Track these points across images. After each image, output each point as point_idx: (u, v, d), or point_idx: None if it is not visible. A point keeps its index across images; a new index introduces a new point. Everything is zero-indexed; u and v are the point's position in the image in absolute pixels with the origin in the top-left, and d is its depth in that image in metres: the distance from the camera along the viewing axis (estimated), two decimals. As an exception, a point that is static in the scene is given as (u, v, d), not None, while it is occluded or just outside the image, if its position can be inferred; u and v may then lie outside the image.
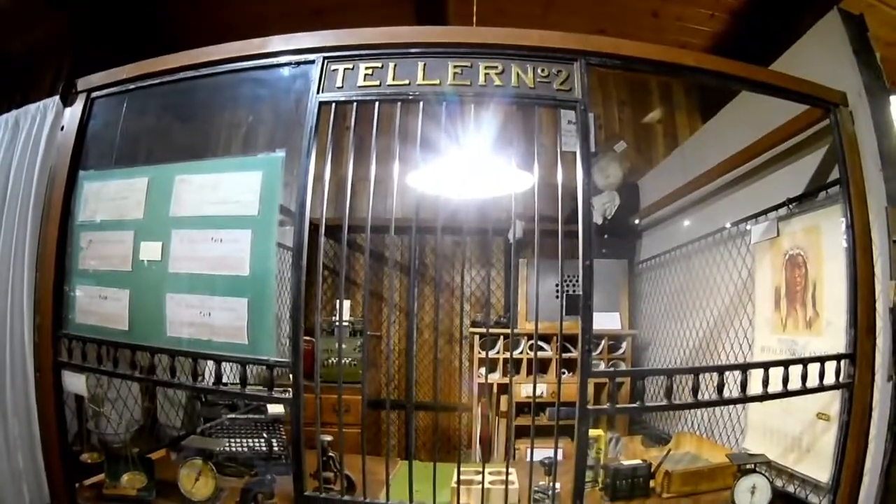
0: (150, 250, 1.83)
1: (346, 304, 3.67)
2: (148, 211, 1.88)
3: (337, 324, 3.27)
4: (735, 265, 2.74)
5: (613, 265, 3.89)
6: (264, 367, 1.66)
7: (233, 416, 2.34)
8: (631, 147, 3.97)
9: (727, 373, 1.77)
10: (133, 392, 2.60)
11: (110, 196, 1.97)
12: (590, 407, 1.62)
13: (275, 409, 2.28)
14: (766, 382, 1.79)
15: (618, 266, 3.88)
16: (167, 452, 2.51)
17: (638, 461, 2.29)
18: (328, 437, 1.99)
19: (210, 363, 1.74)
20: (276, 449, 2.30)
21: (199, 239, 1.76)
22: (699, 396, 1.73)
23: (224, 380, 1.72)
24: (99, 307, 1.95)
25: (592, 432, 2.21)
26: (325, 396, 1.88)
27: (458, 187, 2.29)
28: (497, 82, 1.77)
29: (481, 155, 2.21)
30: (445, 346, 4.22)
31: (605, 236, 3.83)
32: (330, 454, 1.98)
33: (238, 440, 2.34)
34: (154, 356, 1.81)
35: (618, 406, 1.69)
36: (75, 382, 2.00)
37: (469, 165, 2.22)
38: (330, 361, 3.18)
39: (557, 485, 1.83)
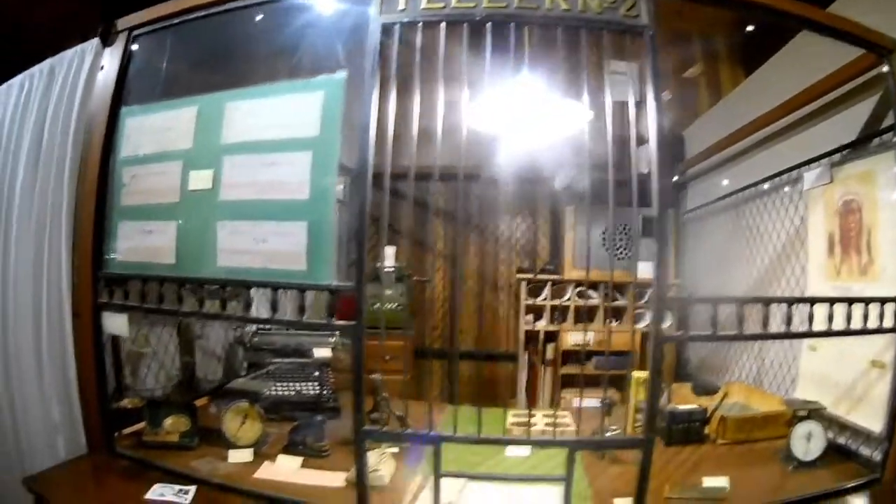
0: (200, 179, 1.72)
1: (391, 250, 3.55)
2: (197, 140, 1.77)
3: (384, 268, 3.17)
4: (787, 213, 2.65)
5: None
6: (325, 293, 1.54)
7: (279, 360, 2.22)
8: (674, 99, 3.87)
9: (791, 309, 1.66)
10: (170, 349, 2.48)
11: (156, 129, 1.86)
12: (665, 335, 1.49)
13: (321, 352, 2.17)
14: (830, 318, 1.68)
15: (659, 217, 3.74)
16: (209, 401, 2.39)
17: (693, 406, 2.18)
18: (378, 377, 1.90)
19: (262, 296, 1.63)
20: (324, 393, 2.18)
21: (254, 164, 1.65)
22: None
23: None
24: (143, 242, 1.84)
25: (643, 374, 2.10)
26: (370, 343, 1.77)
27: (515, 124, 2.18)
28: (564, 6, 1.66)
29: (540, 88, 2.10)
30: (490, 293, 4.09)
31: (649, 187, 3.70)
32: (383, 394, 1.88)
33: (285, 385, 2.22)
34: (203, 288, 1.69)
35: (691, 333, 1.57)
36: (116, 323, 1.89)
37: (527, 99, 2.11)
38: (376, 307, 3.07)
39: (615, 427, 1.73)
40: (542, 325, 3.73)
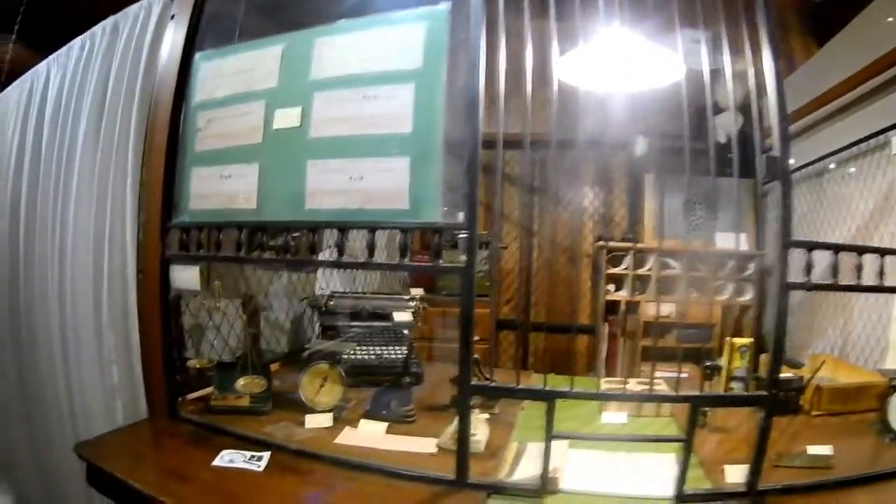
0: (287, 117, 1.57)
1: None
2: (283, 78, 1.62)
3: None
4: (874, 179, 2.49)
5: (738, 185, 3.58)
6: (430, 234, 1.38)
7: (357, 324, 2.06)
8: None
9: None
10: (235, 323, 2.31)
11: (235, 71, 1.72)
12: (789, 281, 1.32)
13: (401, 316, 2.01)
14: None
15: (743, 185, 3.59)
16: (280, 366, 2.22)
17: (790, 374, 2.03)
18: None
19: (355, 241, 1.47)
20: (409, 357, 2.02)
21: (349, 98, 1.49)
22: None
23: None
24: (219, 188, 1.69)
25: (745, 341, 1.96)
26: (449, 310, 1.62)
27: (601, 83, 2.02)
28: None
29: (630, 44, 1.95)
30: (566, 263, 3.91)
31: (729, 155, 3.56)
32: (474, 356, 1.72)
33: (365, 349, 2.06)
34: (289, 234, 1.54)
35: (813, 283, 1.39)
36: (186, 276, 1.74)
37: (617, 55, 1.95)
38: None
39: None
40: (624, 294, 3.54)
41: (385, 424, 1.72)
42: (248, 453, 1.54)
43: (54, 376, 2.17)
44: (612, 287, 3.59)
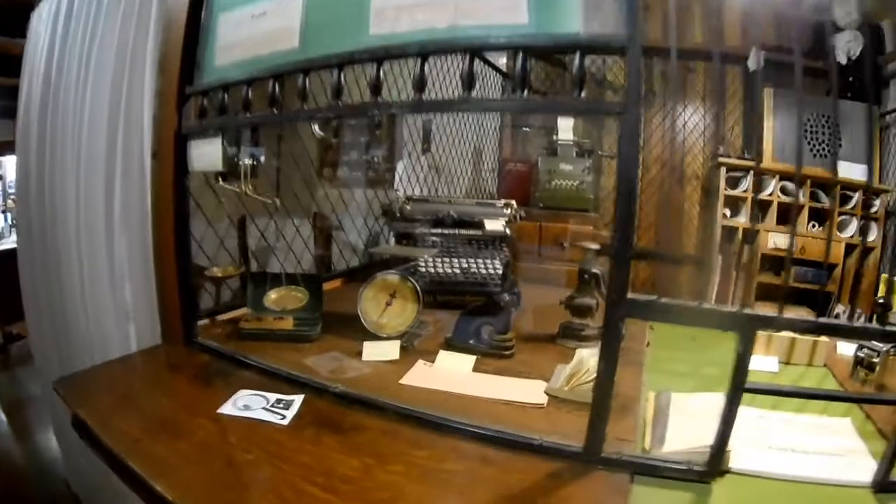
0: None
1: (569, 122, 2.79)
2: None
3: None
4: None
5: (860, 111, 2.97)
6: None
7: (439, 232, 1.55)
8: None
9: None
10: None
11: None
12: None
13: (494, 225, 1.49)
14: None
15: (865, 112, 3.01)
16: (343, 283, 1.73)
17: None
18: (595, 246, 1.29)
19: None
20: (506, 273, 1.51)
21: None
22: None
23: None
24: (251, 31, 1.19)
25: None
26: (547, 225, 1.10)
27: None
28: None
29: None
30: (674, 185, 3.32)
31: (850, 79, 2.97)
32: (593, 270, 1.20)
33: (448, 260, 1.55)
34: (341, 73, 1.02)
35: None
36: (206, 153, 1.26)
37: None
38: (553, 184, 2.43)
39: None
40: (742, 221, 2.94)
41: (472, 358, 1.21)
42: (274, 396, 1.08)
43: (73, 293, 1.76)
44: (727, 212, 2.97)
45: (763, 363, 1.47)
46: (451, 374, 1.16)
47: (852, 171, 2.89)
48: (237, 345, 1.31)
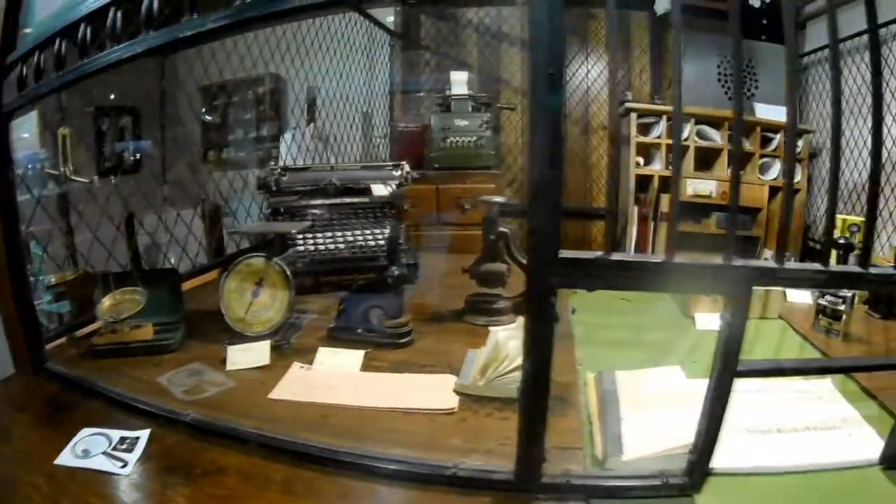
0: None
1: (463, 75, 2.48)
2: None
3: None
4: None
5: (779, 52, 2.78)
6: None
7: (320, 202, 1.25)
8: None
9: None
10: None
11: None
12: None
13: (380, 190, 1.21)
14: None
15: (783, 54, 2.72)
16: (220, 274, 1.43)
17: None
18: (500, 199, 1.08)
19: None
20: (398, 242, 1.23)
21: None
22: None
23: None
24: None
25: (856, 219, 1.31)
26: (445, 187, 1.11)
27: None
28: None
29: None
30: (580, 138, 3.04)
31: (765, 21, 2.76)
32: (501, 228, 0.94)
33: (329, 235, 1.26)
34: None
35: None
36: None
37: None
38: (449, 142, 2.11)
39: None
40: (657, 168, 2.67)
41: (360, 354, 0.95)
42: (118, 434, 0.80)
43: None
44: (640, 160, 2.70)
45: (706, 321, 1.28)
46: (334, 377, 0.90)
47: (771, 113, 2.69)
48: (91, 366, 1.02)
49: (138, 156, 2.19)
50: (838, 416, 0.85)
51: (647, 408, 0.82)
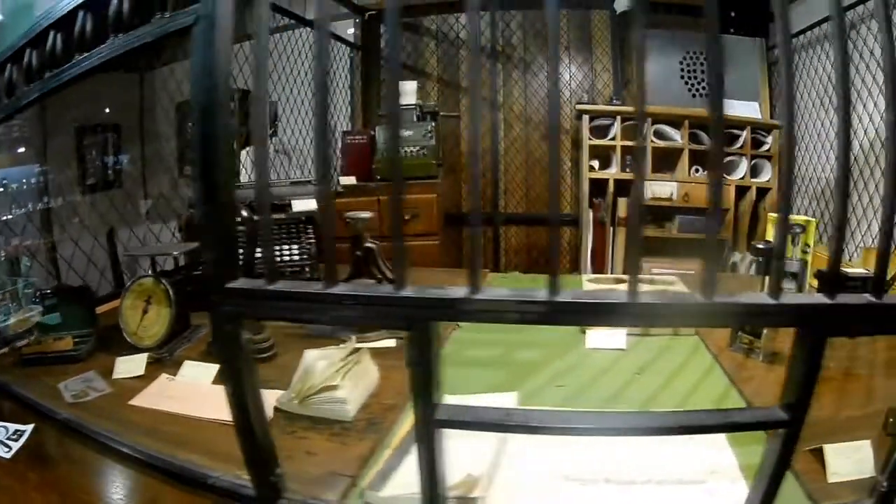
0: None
1: (412, 84, 2.61)
2: None
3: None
4: None
5: (746, 45, 2.86)
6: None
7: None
8: None
9: None
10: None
11: None
12: None
13: (301, 205, 1.37)
14: None
15: (751, 46, 2.88)
16: None
17: (865, 270, 1.30)
18: (366, 214, 1.22)
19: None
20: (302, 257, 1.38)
21: None
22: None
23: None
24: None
25: (799, 218, 1.16)
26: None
27: None
28: None
29: None
30: (541, 143, 3.12)
31: (733, 14, 2.80)
32: (369, 244, 1.08)
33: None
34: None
35: None
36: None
37: None
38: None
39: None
40: (612, 172, 2.70)
41: (215, 367, 1.10)
42: (13, 427, 0.99)
43: None
44: (595, 163, 2.72)
45: (596, 340, 1.21)
46: (187, 389, 1.06)
47: (738, 109, 2.71)
48: (19, 372, 1.21)
49: (119, 170, 2.32)
50: (707, 466, 0.70)
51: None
